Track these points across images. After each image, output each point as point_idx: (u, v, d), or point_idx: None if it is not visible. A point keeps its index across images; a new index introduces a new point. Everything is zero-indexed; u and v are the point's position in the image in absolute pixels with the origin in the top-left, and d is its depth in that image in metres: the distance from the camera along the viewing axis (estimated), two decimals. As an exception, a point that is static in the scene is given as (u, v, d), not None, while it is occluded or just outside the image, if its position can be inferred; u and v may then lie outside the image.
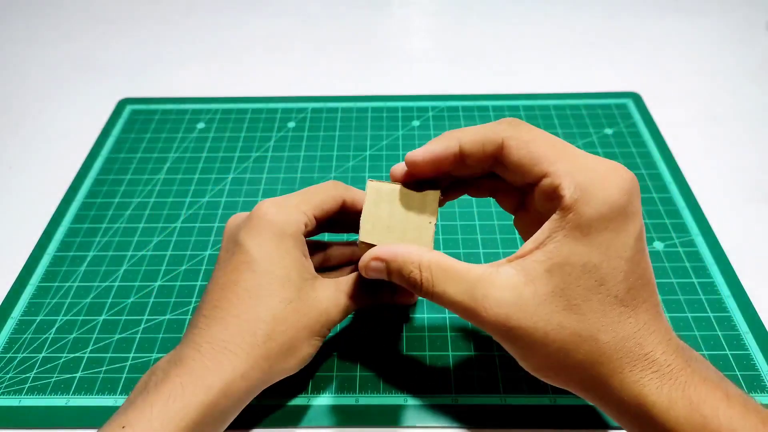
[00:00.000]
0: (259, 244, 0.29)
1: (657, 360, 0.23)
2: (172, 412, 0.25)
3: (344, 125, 0.53)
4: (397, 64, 0.61)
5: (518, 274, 0.24)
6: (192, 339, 0.28)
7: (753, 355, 0.35)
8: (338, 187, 0.33)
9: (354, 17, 0.69)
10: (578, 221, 0.23)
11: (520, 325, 0.24)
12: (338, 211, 0.33)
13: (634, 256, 0.23)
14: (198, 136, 0.52)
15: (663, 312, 0.25)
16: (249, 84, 0.59)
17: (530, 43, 0.64)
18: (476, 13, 0.69)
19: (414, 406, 0.33)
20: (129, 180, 0.48)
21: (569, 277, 0.23)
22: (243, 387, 0.28)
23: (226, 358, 0.27)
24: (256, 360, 0.28)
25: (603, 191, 0.23)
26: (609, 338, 0.23)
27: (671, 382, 0.23)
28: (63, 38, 0.66)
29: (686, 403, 0.23)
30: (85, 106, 0.56)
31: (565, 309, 0.23)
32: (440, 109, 0.54)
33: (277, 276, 0.29)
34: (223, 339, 0.28)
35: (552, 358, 0.24)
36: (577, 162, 0.23)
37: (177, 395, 0.26)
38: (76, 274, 0.41)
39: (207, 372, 0.27)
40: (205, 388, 0.26)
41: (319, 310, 0.30)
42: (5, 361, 0.36)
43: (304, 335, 0.29)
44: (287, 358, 0.29)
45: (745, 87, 0.57)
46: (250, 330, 0.28)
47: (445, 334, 0.37)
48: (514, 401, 0.33)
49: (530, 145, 0.24)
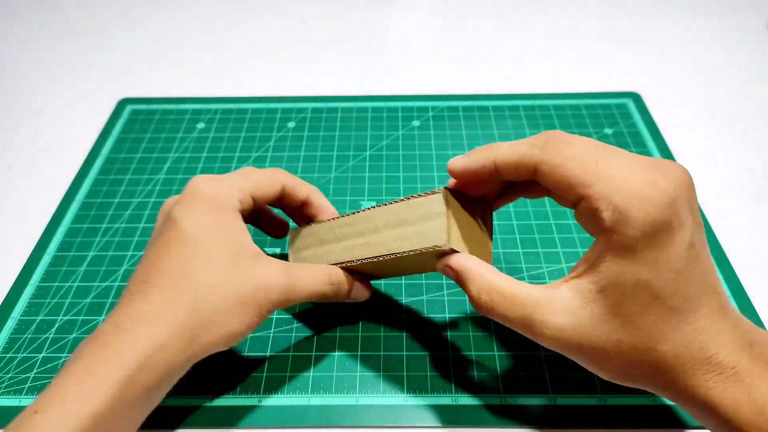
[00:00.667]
0: (192, 218, 0.29)
1: (721, 362, 0.23)
2: (86, 390, 0.24)
3: (344, 125, 0.53)
4: (397, 64, 0.61)
5: (574, 297, 0.25)
6: (112, 314, 0.27)
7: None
8: (278, 172, 0.34)
9: (354, 17, 0.69)
10: (622, 242, 0.23)
11: (581, 345, 0.25)
12: (278, 197, 0.34)
13: (687, 265, 0.23)
14: (198, 136, 0.52)
15: (731, 310, 0.25)
16: (249, 84, 0.59)
17: (530, 43, 0.64)
18: (476, 13, 0.69)
19: (414, 406, 0.33)
20: (129, 180, 0.48)
21: (622, 296, 0.23)
22: (163, 359, 0.26)
23: (143, 330, 0.26)
24: (177, 330, 0.26)
25: (642, 212, 0.22)
26: (669, 347, 0.24)
27: (736, 384, 0.23)
28: (63, 38, 0.66)
29: (752, 405, 0.23)
30: (85, 106, 0.56)
31: (622, 327, 0.24)
32: (440, 109, 0.55)
33: (209, 248, 0.28)
34: (143, 311, 0.27)
35: (617, 369, 0.25)
36: (612, 182, 0.23)
37: (90, 371, 0.25)
38: (76, 274, 0.41)
39: (122, 345, 0.25)
40: (120, 361, 0.25)
41: (255, 286, 0.29)
42: (5, 361, 0.36)
43: (235, 310, 0.28)
44: (212, 330, 0.28)
45: (745, 87, 0.57)
46: (174, 300, 0.27)
47: (446, 334, 0.37)
48: (513, 401, 0.33)
49: (562, 170, 0.24)
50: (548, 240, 0.42)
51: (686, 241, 0.23)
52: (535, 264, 0.40)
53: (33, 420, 0.23)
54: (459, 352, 0.36)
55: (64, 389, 0.24)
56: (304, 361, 0.35)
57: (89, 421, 0.24)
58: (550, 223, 0.43)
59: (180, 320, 0.27)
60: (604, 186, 0.23)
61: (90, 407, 0.24)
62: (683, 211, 0.23)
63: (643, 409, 0.33)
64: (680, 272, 0.23)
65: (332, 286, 0.32)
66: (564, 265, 0.40)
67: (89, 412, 0.24)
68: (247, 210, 0.32)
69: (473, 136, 0.51)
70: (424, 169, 0.48)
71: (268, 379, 0.35)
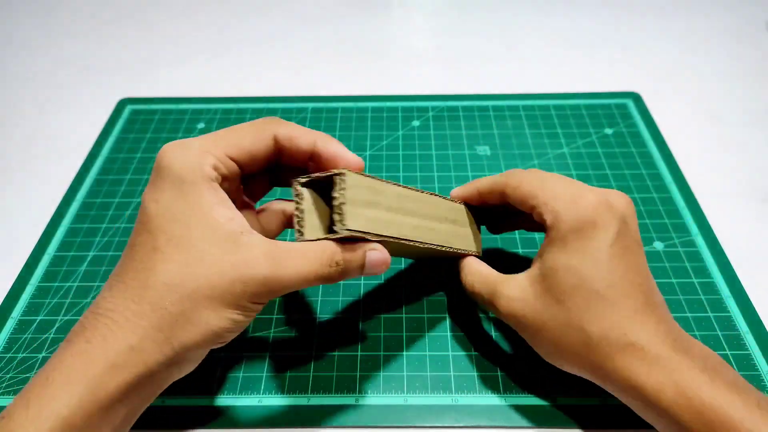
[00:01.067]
0: (156, 200, 0.26)
1: (643, 348, 0.27)
2: (52, 392, 0.23)
3: (344, 125, 0.53)
4: (397, 64, 0.61)
5: (525, 279, 0.31)
6: (83, 315, 0.26)
7: (753, 355, 0.35)
8: (268, 122, 0.28)
9: (354, 17, 0.69)
10: (558, 236, 0.29)
11: (525, 315, 0.30)
12: (271, 154, 0.28)
13: (611, 258, 0.28)
14: (198, 136, 0.52)
15: (660, 311, 0.29)
16: (249, 84, 0.59)
17: (530, 43, 0.64)
18: (476, 13, 0.69)
19: (414, 406, 0.33)
20: (129, 180, 0.48)
21: (557, 277, 0.29)
22: (135, 360, 0.24)
23: (109, 330, 0.24)
24: (146, 330, 0.24)
25: (571, 211, 0.29)
26: (595, 328, 0.28)
27: (658, 369, 0.26)
28: (63, 38, 0.66)
29: (673, 387, 0.26)
30: (85, 106, 0.56)
31: (556, 303, 0.29)
32: (440, 109, 0.55)
33: (174, 235, 0.25)
34: (108, 308, 0.25)
35: (554, 344, 0.29)
36: (553, 193, 0.30)
37: (58, 373, 0.24)
38: (76, 274, 0.41)
39: (88, 345, 0.24)
40: (86, 361, 0.24)
41: (229, 278, 0.25)
42: (5, 361, 0.36)
43: (208, 305, 0.25)
44: (188, 329, 0.25)
45: (745, 87, 0.57)
46: (137, 297, 0.25)
47: (446, 334, 0.37)
48: (514, 401, 0.33)
49: (520, 189, 0.31)
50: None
51: (609, 238, 0.28)
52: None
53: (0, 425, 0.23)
54: (459, 352, 0.36)
55: (30, 393, 0.23)
56: (304, 361, 0.35)
57: (55, 423, 0.23)
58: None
59: (147, 320, 0.25)
60: (546, 196, 0.30)
61: (56, 410, 0.23)
62: (609, 217, 0.29)
63: (643, 409, 0.33)
64: (605, 262, 0.28)
65: (335, 267, 0.27)
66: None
67: (55, 415, 0.23)
68: (232, 177, 0.28)
69: (473, 136, 0.51)
70: (424, 169, 0.48)
71: (268, 379, 0.35)
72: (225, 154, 0.27)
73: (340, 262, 0.27)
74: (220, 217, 0.26)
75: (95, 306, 0.26)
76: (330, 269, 0.27)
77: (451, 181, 0.47)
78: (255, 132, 0.28)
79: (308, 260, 0.26)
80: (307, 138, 0.28)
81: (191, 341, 0.25)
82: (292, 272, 0.26)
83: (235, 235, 0.25)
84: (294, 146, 0.28)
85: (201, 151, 0.26)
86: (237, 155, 0.27)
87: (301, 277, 0.26)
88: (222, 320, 0.25)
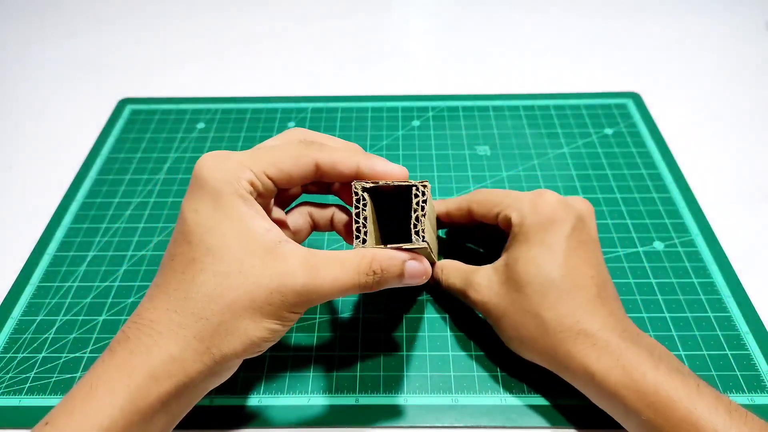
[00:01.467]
0: (195, 210, 0.26)
1: (594, 335, 0.29)
2: (95, 401, 0.24)
3: (344, 125, 0.53)
4: (397, 64, 0.61)
5: (491, 269, 0.34)
6: (128, 320, 0.26)
7: (753, 355, 0.35)
8: (308, 145, 0.28)
9: (354, 16, 0.69)
10: (521, 231, 0.32)
11: (490, 301, 0.33)
12: (311, 178, 0.28)
13: (567, 250, 0.31)
14: (198, 136, 0.52)
15: (611, 299, 0.31)
16: (249, 84, 0.59)
17: (530, 43, 0.64)
18: (476, 13, 0.69)
19: (414, 406, 0.33)
20: (129, 180, 0.48)
21: (516, 266, 0.32)
22: (176, 370, 0.25)
23: (152, 340, 0.25)
24: (188, 341, 0.25)
25: (534, 210, 0.32)
26: (550, 315, 0.30)
27: (608, 354, 0.29)
28: (63, 38, 0.66)
29: (621, 371, 0.28)
30: (85, 106, 0.56)
31: (516, 290, 0.32)
32: (440, 109, 0.54)
33: (211, 246, 0.25)
34: (150, 319, 0.25)
35: (515, 329, 0.32)
36: (517, 197, 0.34)
37: (102, 382, 0.24)
38: (76, 274, 0.41)
39: (130, 355, 0.25)
40: (129, 372, 0.24)
41: (267, 288, 0.25)
42: (5, 361, 0.36)
43: (247, 315, 0.25)
44: (228, 339, 0.25)
45: (745, 87, 0.57)
46: (179, 308, 0.25)
47: (446, 334, 0.37)
48: (513, 401, 0.33)
49: (486, 201, 0.36)
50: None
51: (566, 232, 0.32)
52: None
53: (44, 431, 0.23)
54: (459, 352, 0.36)
55: (74, 400, 0.24)
56: (304, 361, 0.35)
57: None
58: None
59: (189, 330, 0.25)
60: (511, 201, 0.34)
61: (99, 418, 0.23)
62: (566, 214, 0.32)
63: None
64: (561, 255, 0.31)
65: (372, 276, 0.26)
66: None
67: (98, 426, 0.23)
68: (268, 194, 0.28)
69: (473, 136, 0.51)
70: (424, 169, 0.48)
71: (269, 378, 0.35)
72: (263, 171, 0.27)
73: (378, 271, 0.26)
74: (258, 228, 0.26)
75: (137, 316, 0.26)
76: (367, 278, 0.26)
77: (451, 181, 0.47)
78: (296, 156, 0.28)
79: (346, 269, 0.26)
80: (350, 163, 0.28)
81: (231, 351, 0.25)
82: (330, 281, 0.26)
83: (273, 245, 0.26)
84: (337, 172, 0.28)
85: (239, 165, 0.26)
86: (275, 175, 0.27)
87: (339, 286, 0.26)
88: (261, 330, 0.26)
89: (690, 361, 0.35)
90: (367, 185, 0.27)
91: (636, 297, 0.38)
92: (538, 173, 0.48)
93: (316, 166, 0.28)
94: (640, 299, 0.38)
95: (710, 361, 0.35)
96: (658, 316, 0.37)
